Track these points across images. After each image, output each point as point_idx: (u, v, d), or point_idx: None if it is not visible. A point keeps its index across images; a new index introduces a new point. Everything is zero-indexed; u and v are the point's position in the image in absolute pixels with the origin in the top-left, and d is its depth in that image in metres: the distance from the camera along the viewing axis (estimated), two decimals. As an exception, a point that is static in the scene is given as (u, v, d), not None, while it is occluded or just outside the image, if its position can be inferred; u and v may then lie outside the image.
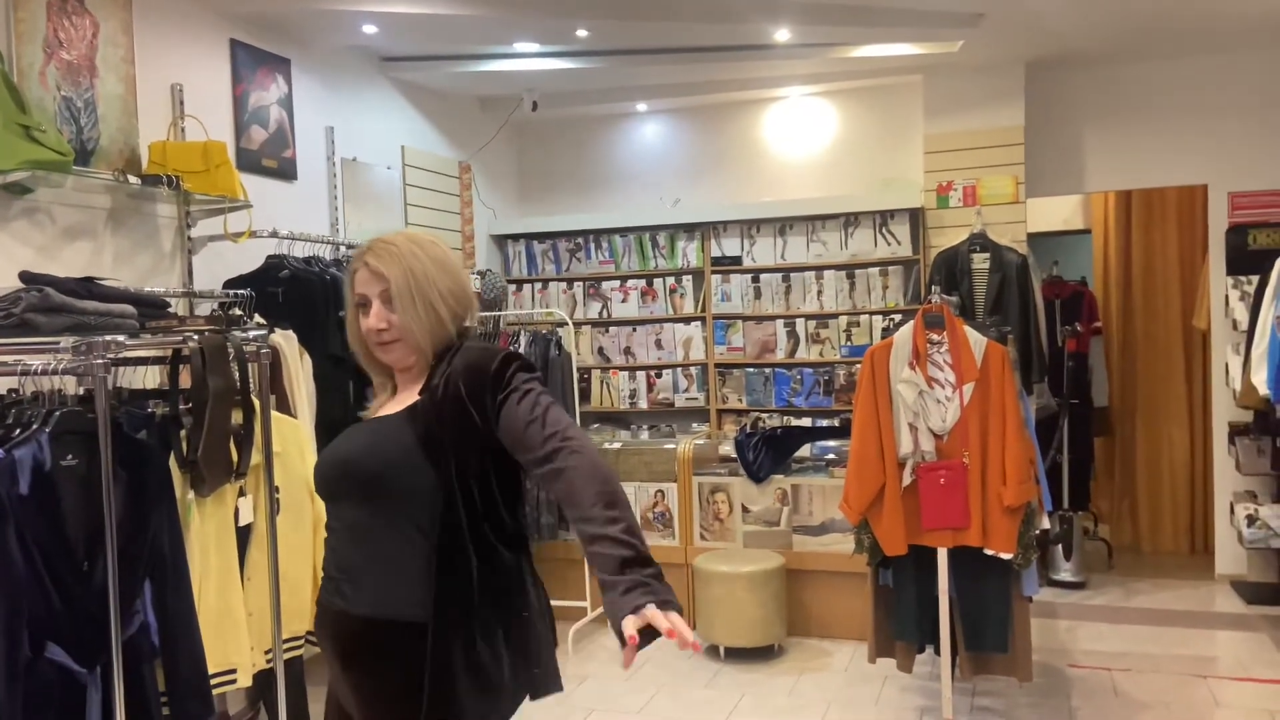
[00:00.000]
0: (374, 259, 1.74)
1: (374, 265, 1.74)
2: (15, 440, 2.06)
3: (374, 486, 1.69)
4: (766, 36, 4.73)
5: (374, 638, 1.67)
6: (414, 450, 1.66)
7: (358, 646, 1.69)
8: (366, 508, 1.70)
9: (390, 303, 1.72)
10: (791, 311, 5.59)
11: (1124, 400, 6.21)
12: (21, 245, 3.13)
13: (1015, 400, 3.31)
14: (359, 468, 1.71)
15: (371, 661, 1.67)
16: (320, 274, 3.85)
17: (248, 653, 2.52)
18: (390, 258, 1.73)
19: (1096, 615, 4.90)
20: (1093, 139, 5.46)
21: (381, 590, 1.67)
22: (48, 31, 3.23)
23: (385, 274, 1.72)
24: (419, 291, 1.72)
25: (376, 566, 1.68)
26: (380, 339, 1.74)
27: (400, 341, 1.74)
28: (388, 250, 1.74)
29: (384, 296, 1.73)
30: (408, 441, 1.67)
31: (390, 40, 4.73)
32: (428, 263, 1.74)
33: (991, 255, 4.96)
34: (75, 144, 3.25)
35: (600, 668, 4.42)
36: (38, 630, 2.04)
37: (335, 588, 1.72)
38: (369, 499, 1.69)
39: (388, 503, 1.68)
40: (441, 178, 5.52)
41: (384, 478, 1.68)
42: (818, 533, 4.69)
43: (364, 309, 1.76)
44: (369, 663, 1.67)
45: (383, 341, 1.74)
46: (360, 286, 1.76)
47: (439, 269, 1.75)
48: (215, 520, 2.47)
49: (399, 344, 1.74)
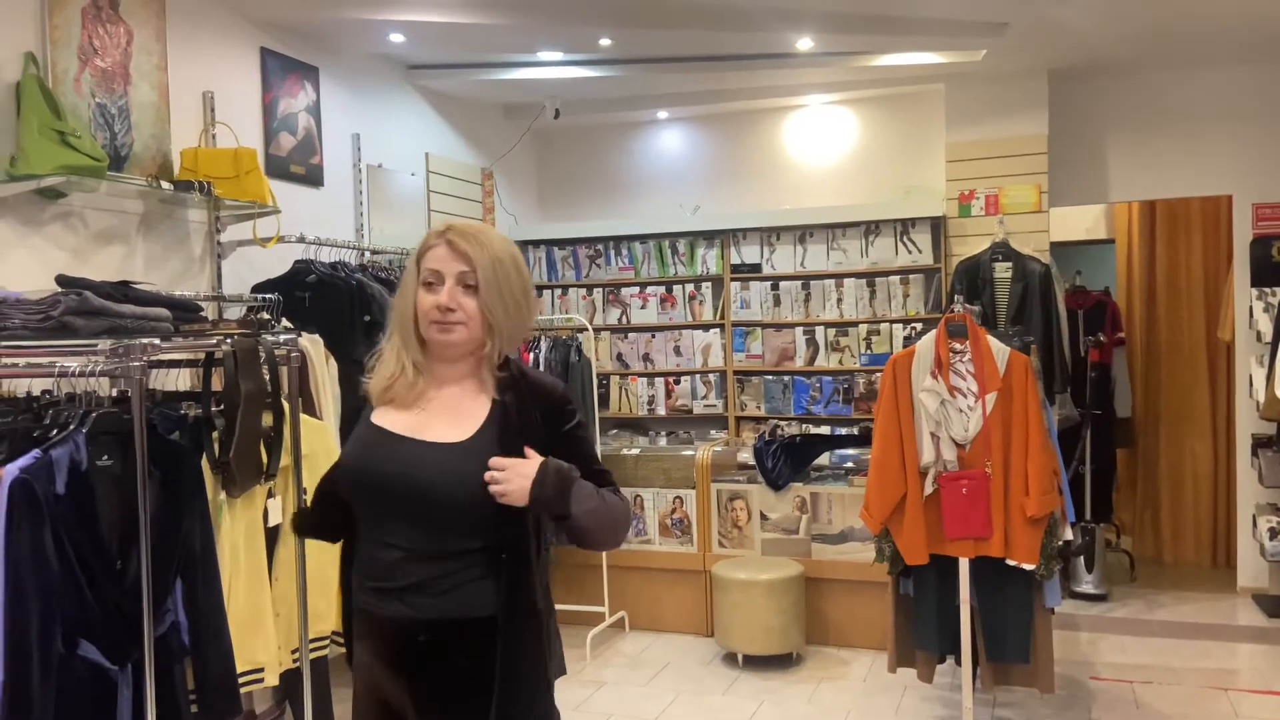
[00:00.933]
0: (460, 239, 1.69)
1: (460, 246, 1.69)
2: (53, 440, 2.10)
3: (455, 514, 1.67)
4: (788, 45, 4.75)
5: (445, 637, 1.68)
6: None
7: (426, 648, 1.69)
8: (438, 528, 1.68)
9: (467, 288, 1.69)
10: (811, 319, 5.60)
11: (1147, 411, 6.17)
12: (56, 249, 3.19)
13: (1039, 410, 3.30)
14: (444, 497, 1.67)
15: (439, 660, 1.69)
16: (346, 279, 3.89)
17: (275, 652, 2.55)
18: (478, 243, 1.70)
19: (1118, 627, 4.88)
20: (1116, 148, 5.44)
21: (455, 595, 1.68)
22: (82, 39, 3.29)
23: (472, 256, 1.68)
24: (506, 280, 1.71)
25: (450, 578, 1.68)
26: (445, 318, 1.68)
27: (464, 326, 1.69)
28: (473, 234, 1.71)
29: (461, 278, 1.69)
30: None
31: (416, 48, 4.78)
32: (510, 260, 1.73)
33: (1014, 264, 4.96)
34: (109, 150, 3.30)
35: (617, 673, 4.43)
36: (71, 627, 2.07)
37: (396, 597, 1.69)
38: (445, 521, 1.68)
39: (467, 525, 1.68)
40: (464, 184, 5.57)
41: (472, 509, 1.66)
42: (837, 541, 4.69)
43: (431, 287, 1.70)
44: (436, 661, 1.69)
45: (447, 321, 1.68)
46: (435, 263, 1.70)
47: (518, 270, 1.74)
48: (245, 521, 2.51)
49: (462, 328, 1.69)
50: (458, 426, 1.72)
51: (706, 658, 4.61)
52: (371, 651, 1.75)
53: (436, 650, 1.69)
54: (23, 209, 3.08)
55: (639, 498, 5.06)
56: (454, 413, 1.74)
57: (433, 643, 1.68)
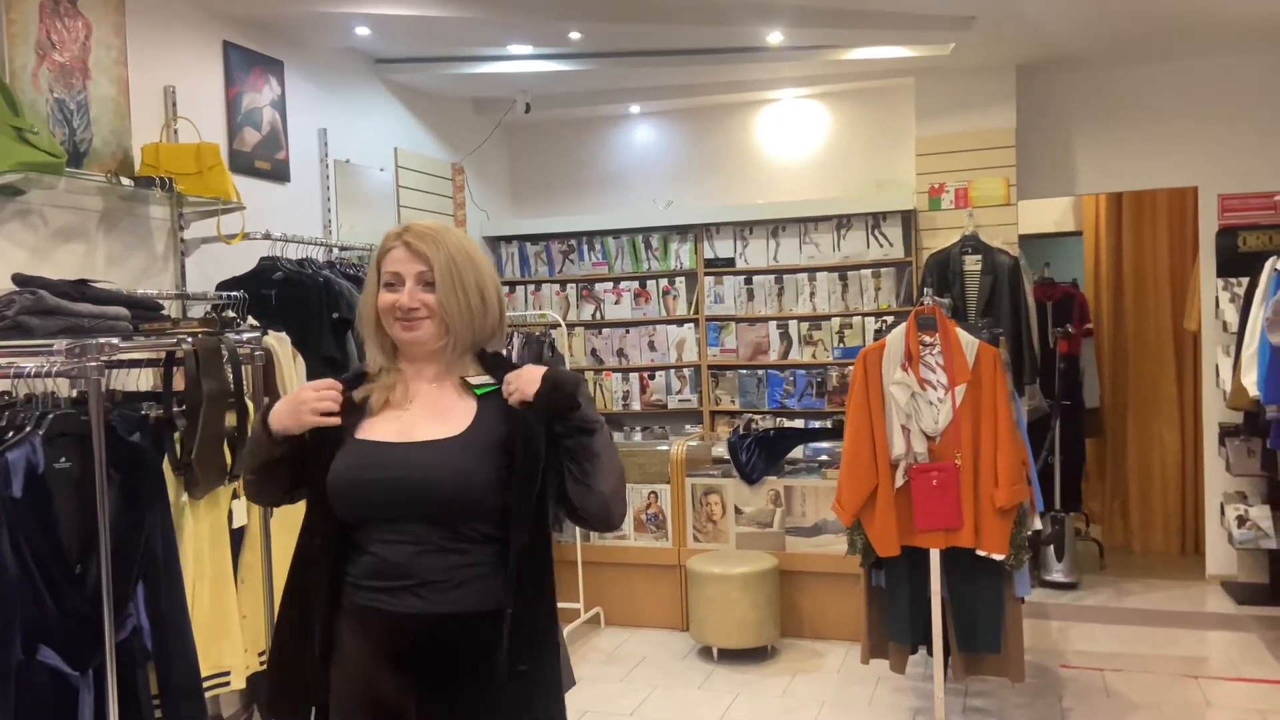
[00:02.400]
0: (415, 239, 1.72)
1: (417, 246, 1.71)
2: (8, 443, 2.06)
3: (464, 509, 1.67)
4: (759, 39, 4.75)
5: (457, 633, 1.68)
6: (505, 470, 1.67)
7: (438, 643, 1.68)
8: (447, 525, 1.68)
9: (427, 285, 1.71)
10: (784, 313, 5.61)
11: (1115, 401, 6.24)
12: (14, 247, 3.12)
13: (1007, 402, 3.32)
14: (450, 491, 1.67)
15: (450, 655, 1.68)
16: (313, 276, 3.85)
17: (241, 655, 2.52)
18: (434, 243, 1.72)
19: (1088, 616, 4.93)
20: (1084, 141, 5.48)
21: (468, 588, 1.68)
22: (40, 33, 3.23)
23: (428, 255, 1.71)
24: (461, 278, 1.72)
25: (463, 571, 1.68)
26: (409, 316, 1.71)
27: (428, 320, 1.71)
28: (430, 234, 1.73)
29: (420, 278, 1.71)
30: (500, 461, 1.68)
31: (383, 42, 4.73)
32: (466, 258, 1.74)
33: (983, 257, 4.99)
34: (68, 146, 3.24)
35: (593, 669, 4.42)
36: (30, 633, 2.04)
37: (411, 593, 1.68)
38: (457, 518, 1.68)
39: (476, 519, 1.68)
40: (434, 179, 5.52)
41: (481, 502, 1.67)
42: (810, 534, 4.71)
43: (392, 287, 1.73)
44: (446, 657, 1.68)
45: (410, 319, 1.71)
46: (394, 265, 1.73)
47: (476, 268, 1.75)
48: (209, 523, 2.47)
49: (427, 323, 1.71)
50: (447, 423, 1.72)
51: (682, 652, 4.61)
52: (370, 651, 1.70)
53: (448, 646, 1.68)
54: (-21, 207, 3.02)
55: (613, 493, 5.05)
56: (437, 412, 1.74)
57: (444, 639, 1.68)
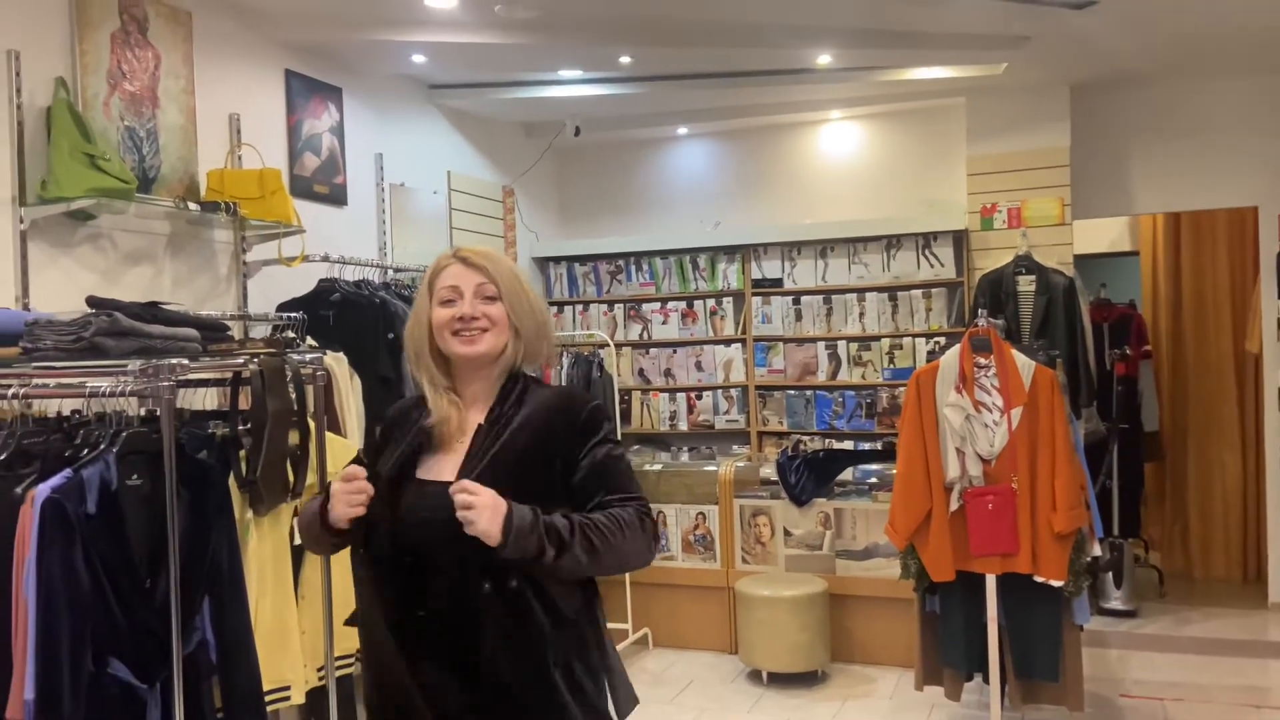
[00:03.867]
0: (472, 255, 1.75)
1: (475, 261, 1.74)
2: (83, 460, 2.12)
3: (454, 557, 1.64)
4: (808, 61, 4.76)
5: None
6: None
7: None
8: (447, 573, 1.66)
9: (487, 298, 1.72)
10: (833, 334, 5.58)
11: (1174, 424, 6.11)
12: (86, 270, 3.23)
13: (1065, 425, 3.28)
14: (436, 542, 1.64)
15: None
16: (370, 297, 3.92)
17: (301, 670, 2.56)
18: (490, 260, 1.75)
19: (1148, 644, 4.81)
20: (1140, 160, 5.41)
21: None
22: (111, 63, 3.34)
23: (489, 269, 1.73)
24: (524, 294, 1.75)
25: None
26: (469, 326, 1.70)
27: (489, 332, 1.71)
28: (486, 253, 1.77)
29: (480, 290, 1.72)
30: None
31: (438, 69, 4.83)
32: (524, 277, 1.79)
33: (1037, 277, 4.93)
34: (137, 172, 3.35)
35: (641, 690, 4.37)
36: (101, 646, 2.08)
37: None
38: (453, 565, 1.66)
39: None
40: (485, 202, 5.60)
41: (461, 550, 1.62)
42: (861, 557, 4.66)
43: (449, 303, 1.72)
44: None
45: (471, 329, 1.70)
46: (450, 280, 1.73)
47: (530, 287, 1.80)
48: (272, 539, 2.52)
49: (488, 335, 1.71)
50: (457, 458, 1.71)
51: (730, 675, 4.58)
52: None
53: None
54: (53, 231, 3.12)
55: (661, 513, 5.05)
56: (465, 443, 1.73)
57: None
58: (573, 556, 1.60)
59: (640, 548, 1.69)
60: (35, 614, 1.98)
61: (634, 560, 1.72)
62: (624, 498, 1.70)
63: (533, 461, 1.69)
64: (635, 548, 1.68)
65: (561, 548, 1.59)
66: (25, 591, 2.00)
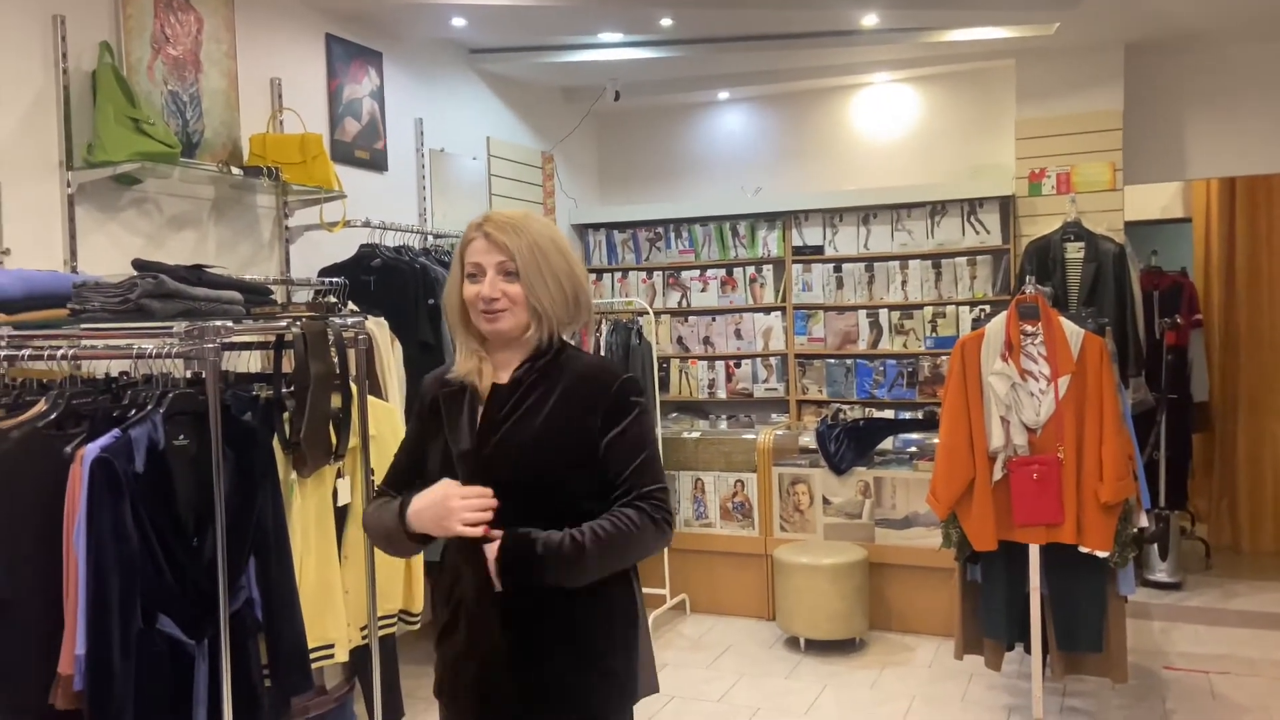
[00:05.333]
0: (495, 230, 1.72)
1: (496, 236, 1.72)
2: (131, 420, 2.15)
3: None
4: (854, 22, 4.66)
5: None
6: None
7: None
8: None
9: (508, 275, 1.72)
10: (875, 302, 5.51)
11: (1225, 395, 5.97)
12: (131, 234, 3.27)
13: (1114, 394, 3.21)
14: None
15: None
16: (410, 263, 3.93)
17: (345, 629, 2.60)
18: (515, 232, 1.72)
19: (1193, 617, 4.74)
20: (1195, 123, 5.24)
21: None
22: (155, 28, 3.36)
23: (508, 245, 1.71)
24: (545, 264, 1.73)
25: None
26: (490, 307, 1.71)
27: (508, 312, 1.72)
28: (510, 224, 1.73)
29: (501, 268, 1.72)
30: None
31: (478, 32, 4.79)
32: (551, 244, 1.75)
33: (1086, 244, 4.81)
34: (181, 136, 3.37)
35: (678, 655, 4.44)
36: (150, 603, 2.12)
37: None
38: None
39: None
40: (525, 168, 5.58)
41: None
42: (901, 526, 4.63)
43: (474, 278, 1.74)
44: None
45: (492, 310, 1.72)
46: (475, 256, 1.74)
47: (560, 254, 1.76)
48: (315, 500, 2.55)
49: (507, 314, 1.72)
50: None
51: (768, 641, 4.59)
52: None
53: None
54: (100, 195, 3.16)
55: (700, 481, 5.05)
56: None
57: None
58: (580, 568, 1.66)
59: (647, 547, 1.72)
60: (86, 571, 2.02)
61: (639, 558, 1.76)
62: (639, 494, 1.71)
63: (557, 429, 1.72)
64: (640, 550, 1.72)
65: (562, 563, 1.65)
66: (76, 549, 2.04)
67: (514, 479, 1.70)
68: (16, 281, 2.46)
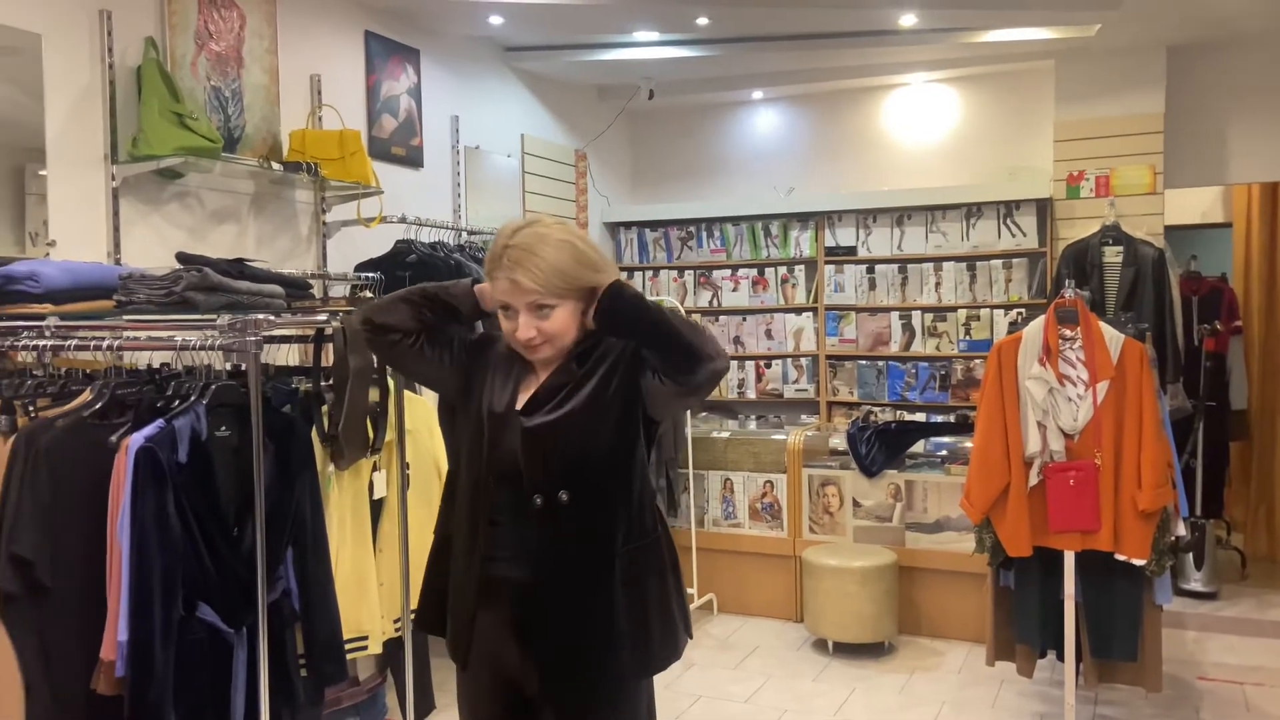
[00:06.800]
0: (518, 271, 1.75)
1: (522, 281, 1.75)
2: (175, 411, 2.18)
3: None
4: (891, 22, 4.63)
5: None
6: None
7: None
8: (528, 491, 1.82)
9: (540, 310, 1.77)
10: (908, 304, 5.48)
11: (1264, 403, 5.87)
12: (174, 227, 3.31)
13: (1154, 400, 3.17)
14: (525, 465, 1.81)
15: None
16: (445, 259, 3.96)
17: (379, 621, 2.62)
18: (534, 264, 1.74)
19: (1228, 627, 4.67)
20: (1237, 127, 5.16)
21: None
22: (198, 24, 3.40)
23: (534, 285, 1.75)
24: (575, 279, 1.79)
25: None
26: (529, 344, 1.80)
27: (546, 344, 1.81)
28: (527, 255, 1.75)
29: (532, 307, 1.77)
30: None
31: (514, 30, 4.81)
32: (570, 257, 1.78)
33: (1125, 248, 4.75)
34: (223, 131, 3.41)
35: (705, 655, 4.43)
36: (191, 591, 2.14)
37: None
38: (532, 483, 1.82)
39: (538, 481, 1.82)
40: (558, 165, 5.59)
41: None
42: (932, 530, 4.60)
43: (507, 312, 1.81)
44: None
45: (531, 347, 1.81)
46: (503, 295, 1.80)
47: (579, 262, 1.79)
48: (351, 493, 2.57)
49: (545, 347, 1.81)
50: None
51: (796, 643, 4.57)
52: (504, 620, 1.84)
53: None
54: (143, 188, 3.21)
55: (729, 481, 5.04)
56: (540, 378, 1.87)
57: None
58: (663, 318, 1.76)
59: (714, 346, 1.78)
60: (129, 558, 2.05)
61: (710, 348, 1.78)
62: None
63: (602, 400, 1.82)
64: (706, 340, 1.79)
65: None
66: (119, 536, 2.07)
67: (561, 449, 1.80)
68: (63, 273, 2.50)
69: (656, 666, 1.87)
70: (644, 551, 1.84)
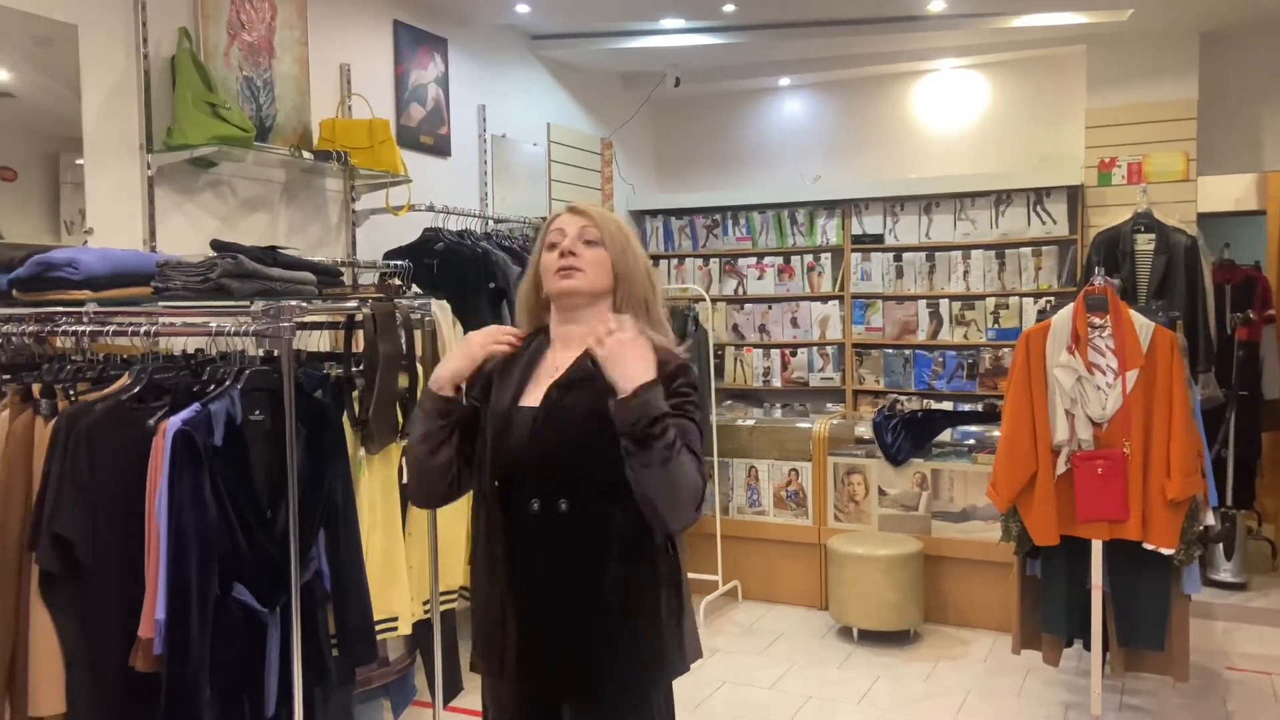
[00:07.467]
0: (582, 206, 1.85)
1: (581, 208, 1.85)
2: (210, 395, 2.22)
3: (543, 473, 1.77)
4: (920, 7, 4.60)
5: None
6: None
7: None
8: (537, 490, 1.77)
9: (589, 243, 1.80)
10: (935, 292, 5.45)
11: (1297, 394, 5.80)
12: (207, 215, 3.36)
13: (1184, 389, 3.15)
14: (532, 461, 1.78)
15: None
16: (472, 247, 3.99)
17: (408, 603, 2.66)
18: (599, 213, 1.85)
19: (1257, 618, 4.63)
20: (1272, 113, 5.09)
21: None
22: (231, 14, 3.44)
23: (594, 215, 1.83)
24: (628, 245, 1.84)
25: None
26: (567, 262, 1.78)
27: (582, 272, 1.79)
28: (594, 208, 1.87)
29: (582, 233, 1.81)
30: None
31: (541, 18, 4.82)
32: (631, 232, 1.89)
33: (1157, 236, 4.70)
34: (255, 121, 3.45)
35: (730, 641, 4.45)
36: (226, 572, 2.19)
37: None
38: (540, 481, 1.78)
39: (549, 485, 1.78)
40: (584, 154, 5.61)
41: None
42: (958, 519, 4.59)
43: (554, 246, 1.82)
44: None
45: (567, 266, 1.78)
46: (559, 225, 1.84)
47: (637, 241, 1.90)
48: (381, 477, 2.61)
49: (580, 274, 1.79)
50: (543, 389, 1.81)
51: (820, 631, 4.59)
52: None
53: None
54: (178, 177, 3.26)
55: (753, 468, 5.05)
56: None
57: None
58: (664, 444, 1.61)
59: (696, 480, 1.67)
60: (166, 539, 2.09)
61: (690, 486, 1.66)
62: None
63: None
64: (693, 478, 1.67)
65: (664, 431, 1.62)
66: (157, 518, 2.12)
67: (568, 444, 1.74)
68: (102, 260, 2.54)
69: (649, 683, 1.79)
70: (641, 565, 1.77)
